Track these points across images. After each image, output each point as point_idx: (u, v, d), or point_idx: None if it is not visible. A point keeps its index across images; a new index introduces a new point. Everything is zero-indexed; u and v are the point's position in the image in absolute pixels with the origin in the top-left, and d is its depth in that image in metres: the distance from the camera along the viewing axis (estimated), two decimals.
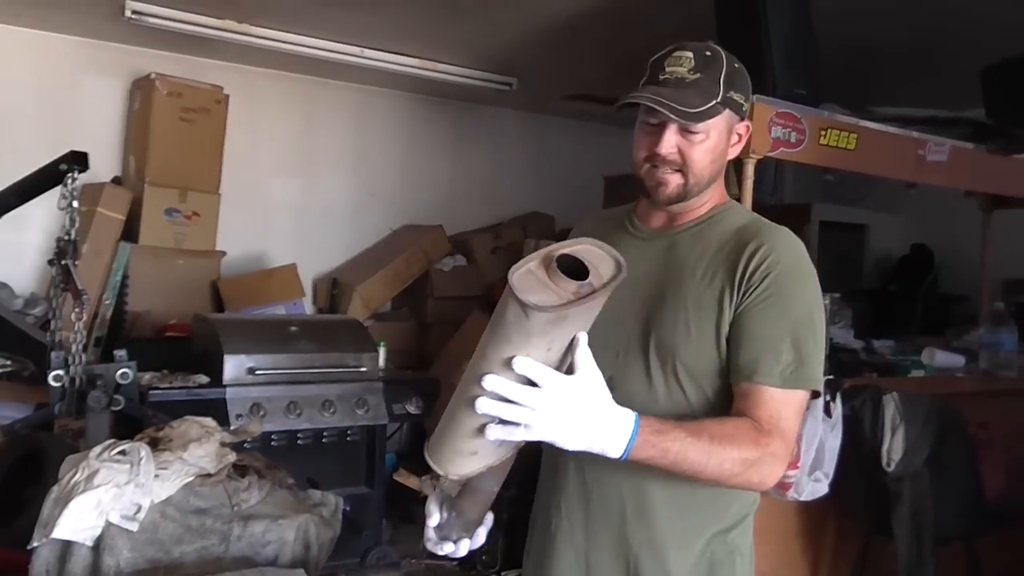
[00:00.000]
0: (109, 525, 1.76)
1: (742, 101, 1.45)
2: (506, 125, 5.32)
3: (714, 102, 1.39)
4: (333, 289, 4.61)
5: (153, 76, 4.12)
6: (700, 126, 1.40)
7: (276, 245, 4.61)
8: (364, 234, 4.91)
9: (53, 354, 2.41)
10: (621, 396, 1.23)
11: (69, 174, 2.46)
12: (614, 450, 1.20)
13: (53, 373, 2.39)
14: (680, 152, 1.42)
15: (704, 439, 1.26)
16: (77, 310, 2.41)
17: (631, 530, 1.43)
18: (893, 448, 2.52)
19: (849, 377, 2.84)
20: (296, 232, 4.72)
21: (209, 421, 2.07)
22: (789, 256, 1.40)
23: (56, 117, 4.11)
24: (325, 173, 4.83)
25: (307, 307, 4.48)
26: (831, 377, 2.62)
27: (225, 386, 3.11)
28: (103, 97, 4.25)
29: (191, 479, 1.87)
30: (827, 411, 2.54)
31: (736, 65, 1.44)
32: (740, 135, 1.49)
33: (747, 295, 1.38)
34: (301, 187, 4.77)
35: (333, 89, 4.77)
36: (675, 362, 1.39)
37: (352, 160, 4.89)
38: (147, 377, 3.09)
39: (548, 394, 1.13)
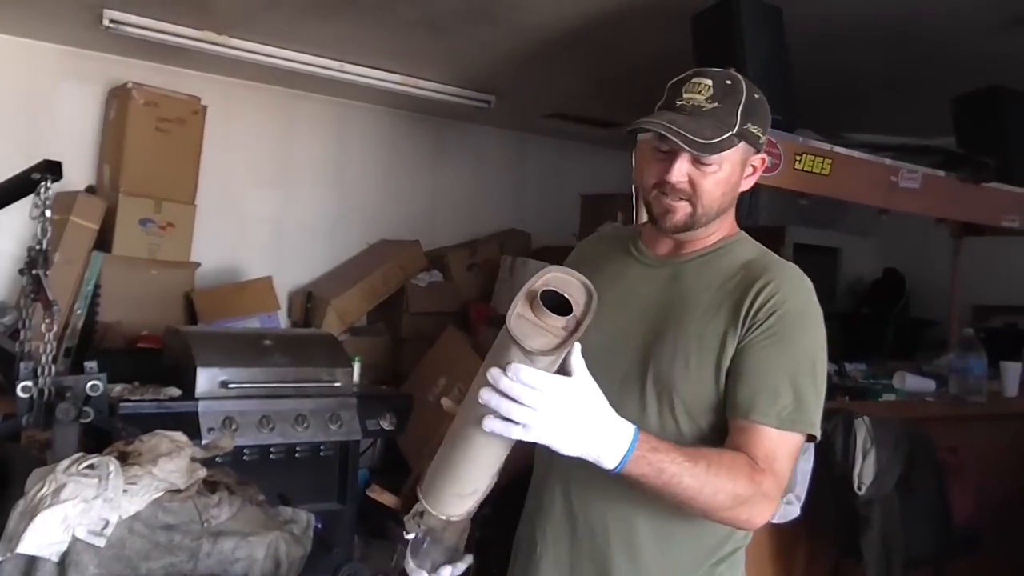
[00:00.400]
0: (75, 540, 1.73)
1: (759, 133, 1.41)
2: (486, 142, 5.34)
3: (729, 134, 1.36)
4: (308, 302, 4.58)
5: (130, 85, 4.09)
6: (714, 157, 1.37)
7: (252, 257, 4.58)
8: (341, 248, 4.89)
9: (22, 364, 2.38)
10: None
11: (42, 183, 2.44)
12: (610, 460, 1.18)
13: (21, 384, 2.35)
14: (691, 182, 1.39)
15: (701, 466, 1.24)
16: (47, 320, 2.39)
17: (616, 562, 1.41)
18: (864, 472, 2.53)
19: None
20: (272, 245, 4.70)
21: (180, 436, 2.04)
22: (796, 297, 1.38)
23: (31, 124, 4.07)
24: (303, 186, 4.82)
25: (282, 320, 4.45)
26: None
27: (197, 399, 3.07)
28: (79, 105, 4.21)
29: (160, 494, 1.84)
30: None
31: (756, 96, 1.42)
32: (755, 167, 1.47)
33: (750, 331, 1.36)
34: (278, 199, 4.75)
35: (312, 102, 4.76)
36: (672, 395, 1.38)
37: (330, 174, 4.88)
38: (117, 389, 3.05)
39: (548, 395, 1.12)
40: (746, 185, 1.47)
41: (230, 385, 3.12)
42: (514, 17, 3.31)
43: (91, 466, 1.84)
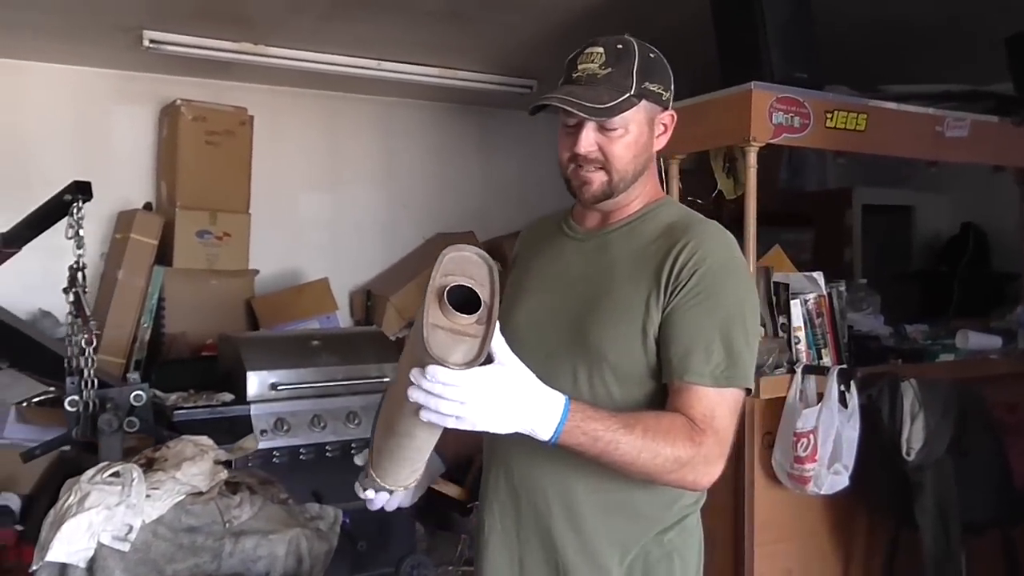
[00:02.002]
0: (101, 546, 1.80)
1: (661, 91, 1.42)
2: (533, 128, 5.25)
3: (627, 95, 1.37)
4: (368, 301, 4.65)
5: (178, 102, 4.22)
6: (616, 121, 1.38)
7: (309, 260, 4.67)
8: (397, 245, 4.94)
9: (68, 380, 2.48)
10: None
11: (74, 204, 2.52)
12: (544, 431, 1.20)
13: (68, 399, 2.45)
14: (601, 149, 1.40)
15: (638, 431, 1.24)
16: (86, 336, 2.47)
17: (559, 533, 1.41)
18: (913, 437, 2.43)
19: (872, 365, 2.76)
20: (328, 246, 4.78)
21: (204, 440, 2.10)
22: (717, 252, 1.37)
23: (88, 149, 4.23)
24: (354, 186, 4.88)
25: (341, 320, 4.52)
26: (843, 366, 2.55)
27: (249, 403, 3.15)
28: (133, 126, 4.36)
29: (182, 498, 1.90)
30: (842, 401, 2.47)
31: (652, 55, 1.42)
32: (666, 125, 1.46)
33: (675, 294, 1.35)
34: (331, 202, 4.83)
35: (356, 103, 4.81)
36: (602, 365, 1.37)
37: (380, 172, 4.93)
38: (173, 397, 3.16)
39: (472, 388, 1.12)
40: (659, 144, 1.47)
41: (280, 387, 3.19)
42: (529, 1, 3.27)
43: (116, 474, 1.91)
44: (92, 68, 4.21)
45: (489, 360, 1.14)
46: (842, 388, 2.46)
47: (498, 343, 1.15)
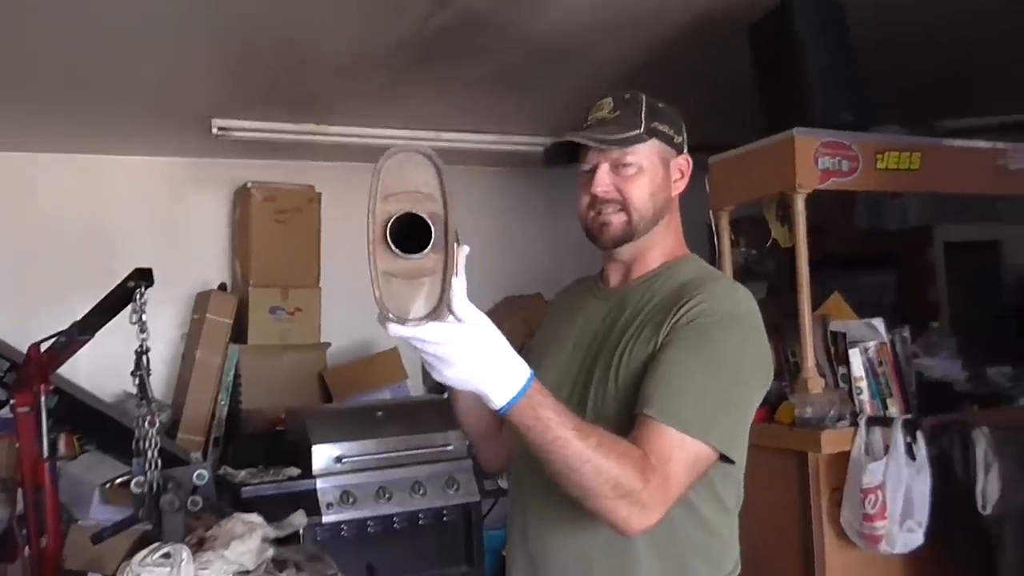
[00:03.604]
0: None
1: (671, 133, 1.43)
2: None
3: (637, 131, 1.39)
4: None
5: (249, 184, 4.37)
6: (630, 158, 1.39)
7: (379, 331, 4.58)
8: None
9: (134, 461, 2.56)
10: None
11: (137, 290, 2.62)
12: (498, 397, 1.13)
13: (134, 480, 2.52)
14: (617, 189, 1.41)
15: (591, 440, 1.17)
16: (149, 417, 2.54)
17: None
18: (988, 488, 2.29)
19: (944, 412, 2.62)
20: None
21: (254, 517, 2.13)
22: (723, 304, 1.34)
23: (167, 234, 4.42)
24: None
25: (412, 389, 4.55)
26: (908, 416, 2.43)
27: (315, 476, 3.19)
28: (208, 210, 4.54)
29: None
30: (910, 453, 2.35)
31: (660, 105, 1.45)
32: (682, 170, 1.47)
33: (669, 335, 1.32)
34: None
35: None
36: (606, 424, 1.32)
37: None
38: (243, 474, 3.22)
39: (436, 343, 1.08)
40: (677, 189, 1.47)
41: (344, 460, 3.23)
42: (577, 60, 3.30)
43: (166, 555, 1.95)
44: (167, 157, 4.41)
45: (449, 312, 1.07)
46: (908, 439, 2.35)
47: (462, 303, 1.09)
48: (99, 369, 3.90)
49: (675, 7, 2.76)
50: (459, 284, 1.08)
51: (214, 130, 3.90)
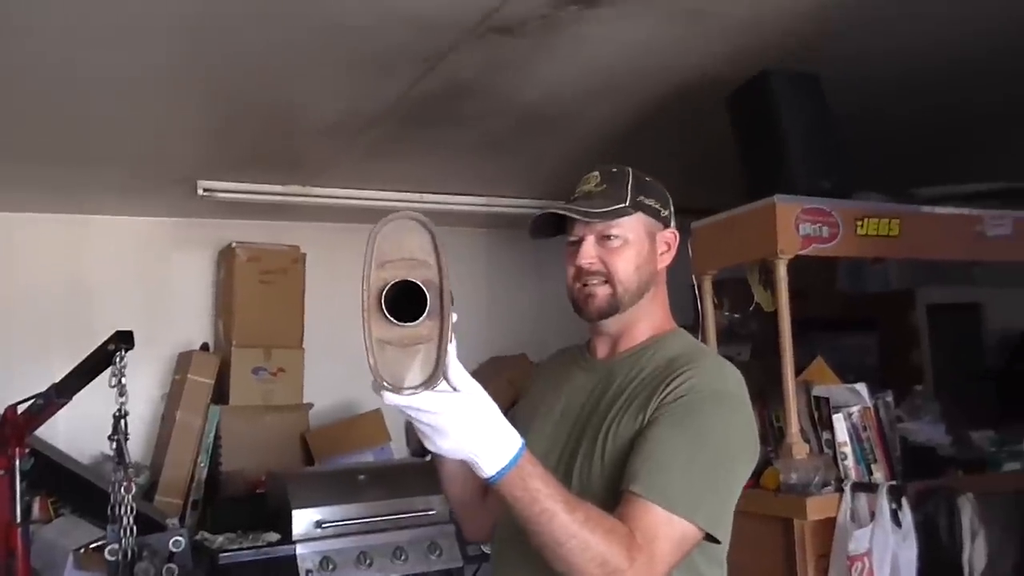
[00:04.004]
0: None
1: (658, 207, 1.45)
2: None
3: (622, 205, 1.40)
4: None
5: (234, 244, 4.37)
6: (615, 231, 1.41)
7: (363, 392, 4.61)
8: None
9: (109, 527, 2.52)
10: None
11: (116, 353, 2.60)
12: (488, 466, 1.12)
13: (108, 547, 2.49)
14: (602, 261, 1.42)
15: (578, 515, 1.16)
16: (126, 483, 2.51)
17: None
18: (975, 556, 2.28)
19: (929, 478, 2.62)
20: None
21: None
22: (710, 380, 1.34)
23: (150, 294, 4.39)
24: None
25: (396, 451, 4.51)
26: (893, 482, 2.43)
27: (294, 542, 3.14)
28: (192, 270, 4.52)
29: None
30: (895, 519, 2.33)
31: (647, 179, 1.47)
32: (668, 243, 1.49)
33: (656, 411, 1.31)
34: None
35: None
36: (591, 497, 1.30)
37: None
38: (220, 539, 3.17)
39: (431, 413, 1.09)
40: (663, 262, 1.48)
41: (325, 525, 3.19)
42: (563, 126, 3.35)
43: None
44: (151, 218, 4.41)
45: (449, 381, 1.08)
46: (894, 506, 2.33)
47: (457, 372, 1.10)
48: (77, 429, 3.85)
49: (657, 76, 2.80)
50: (452, 351, 1.09)
51: (199, 191, 3.91)
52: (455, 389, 1.11)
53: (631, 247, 1.42)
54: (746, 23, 2.43)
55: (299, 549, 3.12)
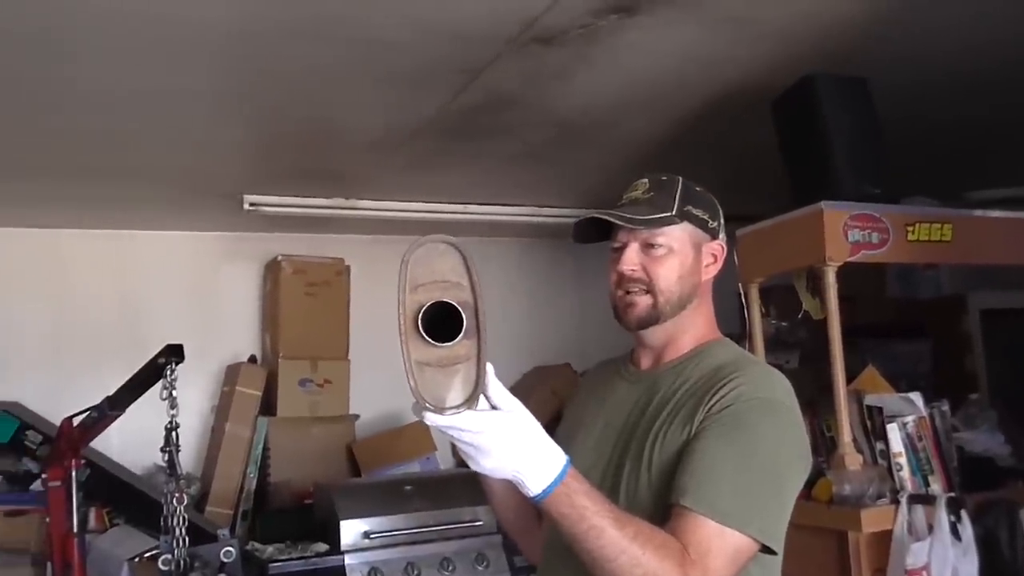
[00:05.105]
0: None
1: (706, 218, 1.43)
2: None
3: (668, 213, 1.38)
4: None
5: (280, 258, 4.42)
6: (660, 239, 1.39)
7: (408, 403, 4.57)
8: None
9: (162, 538, 2.55)
10: None
11: (167, 366, 2.64)
12: (534, 485, 1.12)
13: (162, 557, 2.52)
14: (644, 269, 1.41)
15: (628, 531, 1.14)
16: (178, 494, 2.54)
17: None
18: None
19: (988, 489, 2.55)
20: None
21: None
22: (758, 388, 1.31)
23: (199, 307, 4.46)
24: None
25: (441, 461, 4.51)
26: (951, 494, 2.37)
27: (343, 552, 3.16)
28: (239, 283, 4.59)
29: None
30: (955, 532, 2.28)
31: (696, 189, 1.45)
32: (715, 255, 1.47)
33: (704, 421, 1.29)
34: None
35: None
36: (640, 512, 1.29)
37: None
38: (270, 549, 3.20)
39: (475, 431, 1.09)
40: (708, 274, 1.46)
41: (372, 535, 3.19)
42: (604, 136, 3.33)
43: None
44: (199, 232, 4.48)
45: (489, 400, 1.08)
46: (953, 518, 2.28)
47: (497, 391, 1.10)
48: (130, 441, 3.91)
49: (697, 84, 2.78)
50: (491, 369, 1.09)
51: (245, 205, 3.96)
52: (495, 407, 1.10)
53: (675, 256, 1.40)
54: (787, 30, 2.40)
55: (348, 559, 3.14)
